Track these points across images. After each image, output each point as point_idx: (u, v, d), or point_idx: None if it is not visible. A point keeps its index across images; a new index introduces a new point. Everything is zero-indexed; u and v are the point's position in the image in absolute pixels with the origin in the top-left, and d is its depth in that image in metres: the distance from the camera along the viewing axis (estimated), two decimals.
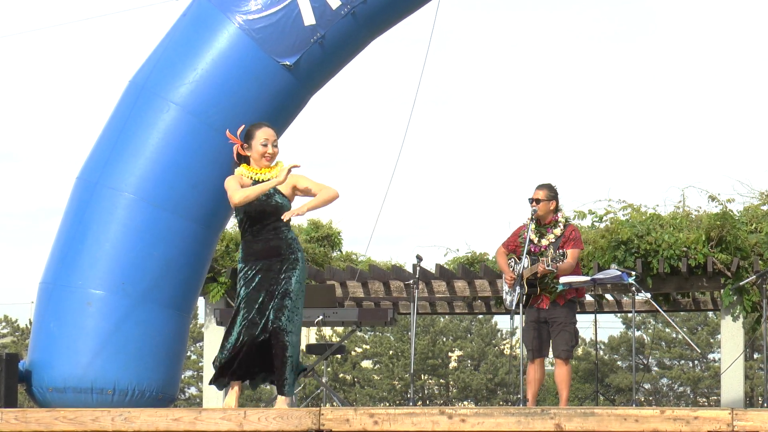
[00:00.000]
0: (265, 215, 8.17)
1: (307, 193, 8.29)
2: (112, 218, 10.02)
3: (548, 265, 10.27)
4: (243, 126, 8.48)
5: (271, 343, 8.16)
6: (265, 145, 8.27)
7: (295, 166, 8.10)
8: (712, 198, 14.32)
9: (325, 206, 8.18)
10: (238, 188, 8.17)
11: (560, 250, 10.36)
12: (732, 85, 70.51)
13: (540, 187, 10.65)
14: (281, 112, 10.49)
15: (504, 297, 10.92)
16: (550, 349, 10.69)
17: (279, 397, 8.24)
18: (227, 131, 8.53)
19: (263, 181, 8.21)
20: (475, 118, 72.15)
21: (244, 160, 8.39)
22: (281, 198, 8.22)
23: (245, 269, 8.27)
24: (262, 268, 8.21)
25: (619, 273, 10.99)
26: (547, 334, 10.58)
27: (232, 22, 10.19)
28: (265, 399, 36.71)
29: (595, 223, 14.65)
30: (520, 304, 10.36)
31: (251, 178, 8.28)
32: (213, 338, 15.47)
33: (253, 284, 8.20)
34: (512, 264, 10.72)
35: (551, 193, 10.63)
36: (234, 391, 8.38)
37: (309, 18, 10.19)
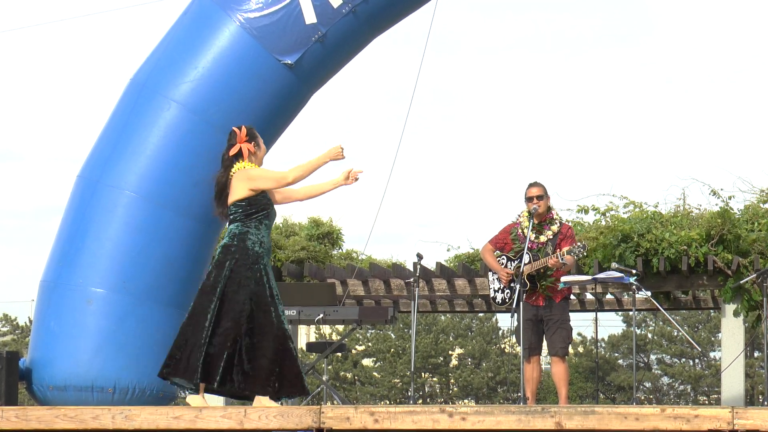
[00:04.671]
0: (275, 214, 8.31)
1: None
2: (113, 216, 10.02)
3: (562, 258, 10.26)
4: (242, 127, 8.42)
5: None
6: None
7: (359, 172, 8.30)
8: (714, 193, 14.29)
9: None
10: (279, 169, 8.18)
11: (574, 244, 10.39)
12: (733, 84, 70.51)
13: (535, 185, 10.66)
14: (282, 111, 10.48)
15: (493, 295, 10.86)
16: (544, 347, 10.69)
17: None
18: (234, 128, 8.47)
19: None
20: (477, 116, 72.18)
21: (237, 159, 8.34)
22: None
23: (263, 263, 8.17)
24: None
25: (621, 275, 11.01)
26: (542, 331, 10.56)
27: (233, 20, 10.19)
28: None
29: (596, 221, 14.62)
30: (520, 302, 10.33)
31: None
32: None
33: (266, 279, 8.15)
34: (504, 261, 10.68)
35: (545, 189, 10.67)
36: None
37: (310, 16, 10.19)
